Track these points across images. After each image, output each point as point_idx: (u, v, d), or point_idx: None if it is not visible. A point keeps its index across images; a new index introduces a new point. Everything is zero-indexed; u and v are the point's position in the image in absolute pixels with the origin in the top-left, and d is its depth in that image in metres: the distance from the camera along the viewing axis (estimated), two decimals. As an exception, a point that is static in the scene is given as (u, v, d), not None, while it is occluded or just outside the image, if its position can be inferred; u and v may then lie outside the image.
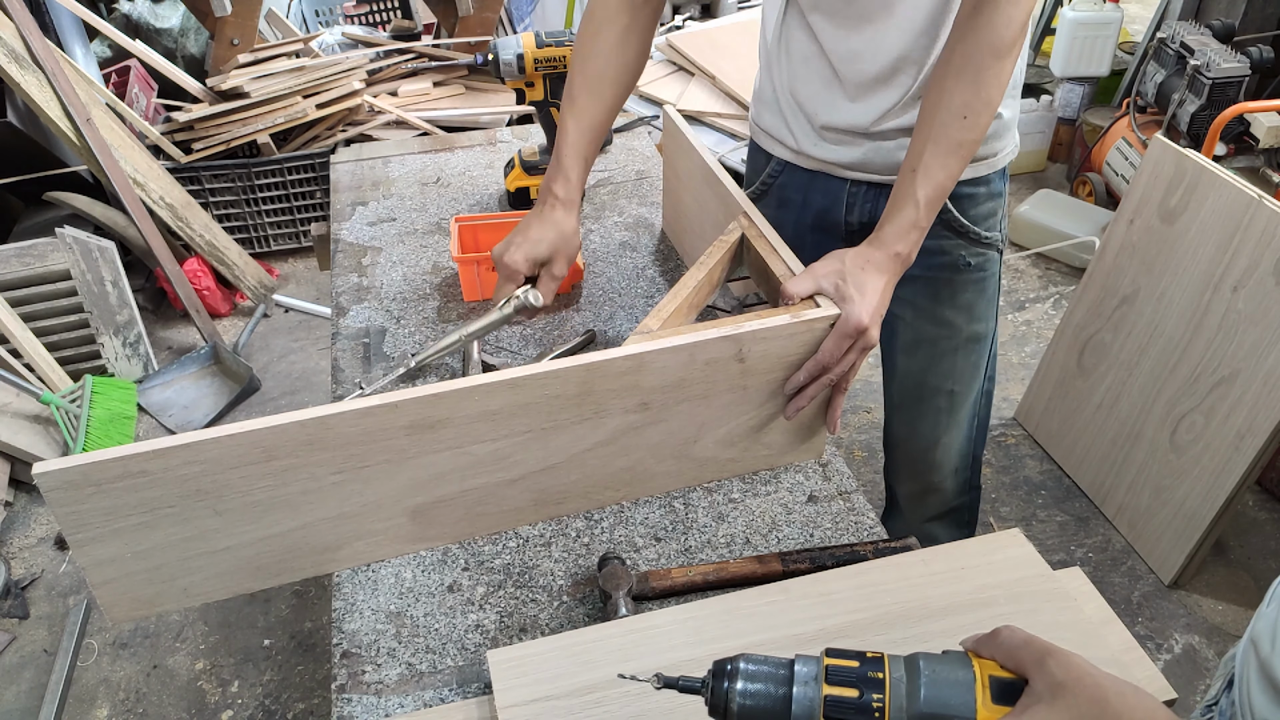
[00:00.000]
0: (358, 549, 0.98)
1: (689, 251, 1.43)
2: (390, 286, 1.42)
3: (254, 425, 0.84)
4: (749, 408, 1.03)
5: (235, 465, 0.85)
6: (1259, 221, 1.81)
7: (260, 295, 3.11)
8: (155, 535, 0.88)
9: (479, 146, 1.83)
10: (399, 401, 0.87)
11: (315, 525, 0.93)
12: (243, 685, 1.99)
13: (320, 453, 0.88)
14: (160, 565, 0.90)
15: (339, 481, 0.91)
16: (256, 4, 3.13)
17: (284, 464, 0.87)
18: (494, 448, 0.94)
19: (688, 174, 1.36)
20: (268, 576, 0.96)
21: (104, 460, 0.81)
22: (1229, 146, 3.14)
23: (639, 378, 0.95)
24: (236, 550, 0.92)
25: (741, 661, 0.61)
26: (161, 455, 0.82)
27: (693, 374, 0.97)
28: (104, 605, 0.92)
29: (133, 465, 0.82)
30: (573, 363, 0.91)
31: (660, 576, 0.95)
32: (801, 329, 0.98)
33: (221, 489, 0.87)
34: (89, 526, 0.85)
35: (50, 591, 2.20)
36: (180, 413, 2.68)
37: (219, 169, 3.11)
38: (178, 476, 0.84)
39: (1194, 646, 2.04)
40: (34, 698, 1.96)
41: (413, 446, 0.91)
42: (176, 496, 0.86)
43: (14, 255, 2.52)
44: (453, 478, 0.95)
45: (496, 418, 0.92)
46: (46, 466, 0.80)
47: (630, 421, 0.98)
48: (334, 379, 1.25)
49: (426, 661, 0.90)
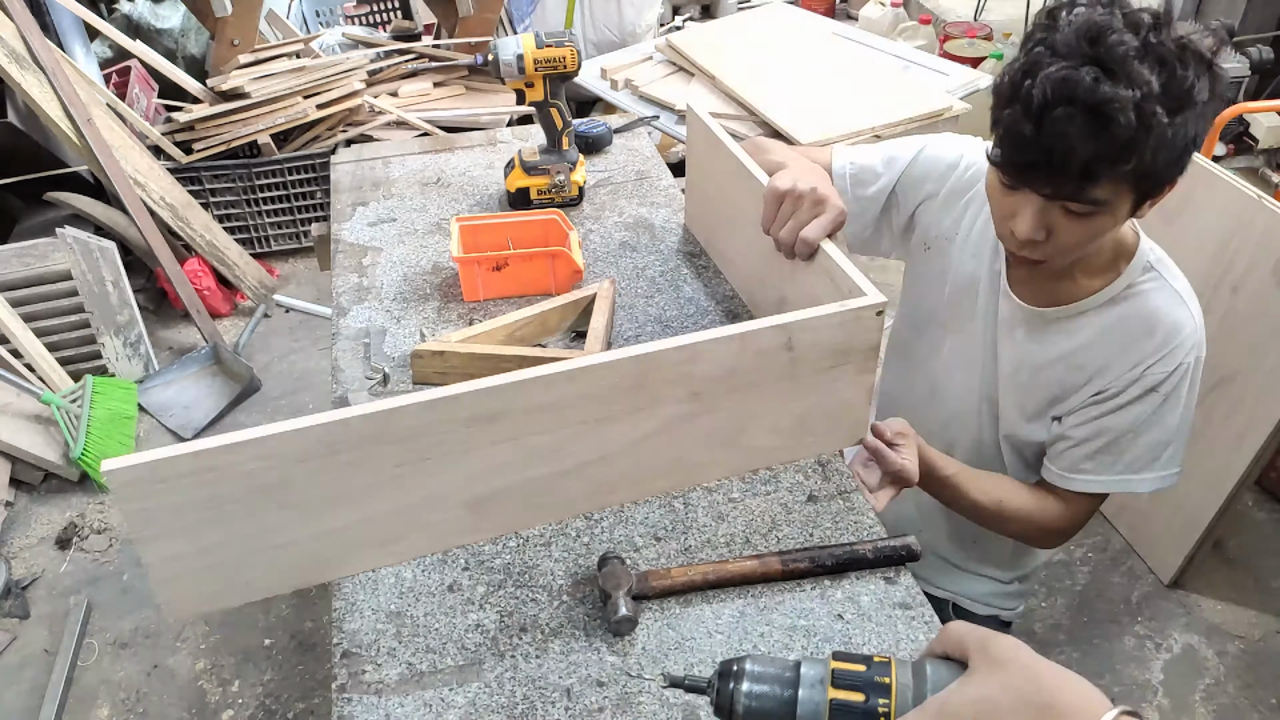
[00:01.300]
0: (415, 542, 0.99)
1: (719, 248, 1.44)
2: (390, 287, 1.42)
3: (320, 419, 0.84)
4: (795, 397, 1.05)
5: (301, 459, 0.86)
6: (1258, 222, 1.81)
7: (261, 295, 3.11)
8: (220, 531, 0.88)
9: (479, 147, 1.83)
10: (461, 394, 0.88)
11: (376, 518, 0.94)
12: (243, 685, 1.99)
13: (383, 446, 0.88)
14: (223, 561, 0.91)
15: (400, 474, 0.91)
16: (257, 4, 3.13)
17: (348, 457, 0.88)
18: (550, 439, 0.95)
19: (717, 171, 1.37)
20: (328, 569, 0.97)
21: (173, 456, 0.81)
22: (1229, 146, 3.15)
23: (691, 368, 0.96)
24: (299, 544, 0.93)
25: (747, 663, 0.61)
26: (231, 450, 0.83)
27: (743, 363, 0.99)
28: (165, 602, 0.92)
29: (202, 461, 0.82)
30: (628, 353, 0.93)
31: (660, 576, 0.95)
32: (849, 318, 1.00)
33: (287, 483, 0.87)
34: (156, 523, 0.85)
35: (51, 591, 2.21)
36: (181, 413, 2.68)
37: (219, 169, 3.11)
38: (245, 471, 0.85)
39: (1193, 646, 2.04)
40: (34, 697, 1.96)
41: (473, 439, 0.92)
42: (243, 491, 0.86)
43: (14, 255, 2.52)
44: (510, 469, 0.96)
45: (554, 409, 0.93)
46: (115, 464, 0.80)
47: (681, 411, 1.00)
48: (334, 379, 1.25)
49: (427, 661, 0.91)
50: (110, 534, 2.34)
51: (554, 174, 1.56)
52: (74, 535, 2.33)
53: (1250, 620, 2.09)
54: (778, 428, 1.07)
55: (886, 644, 0.91)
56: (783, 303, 1.23)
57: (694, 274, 1.43)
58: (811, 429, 1.09)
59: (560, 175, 1.57)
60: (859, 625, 0.93)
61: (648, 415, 0.98)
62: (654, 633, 0.93)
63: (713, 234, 1.46)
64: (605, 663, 0.90)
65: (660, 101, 2.72)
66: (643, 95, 2.78)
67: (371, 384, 1.22)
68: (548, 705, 0.86)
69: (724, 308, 1.36)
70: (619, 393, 0.95)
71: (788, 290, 1.21)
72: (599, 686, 0.88)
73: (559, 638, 0.92)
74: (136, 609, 2.16)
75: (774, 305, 1.26)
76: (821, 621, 0.93)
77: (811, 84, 2.63)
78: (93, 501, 2.43)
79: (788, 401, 1.05)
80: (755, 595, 0.96)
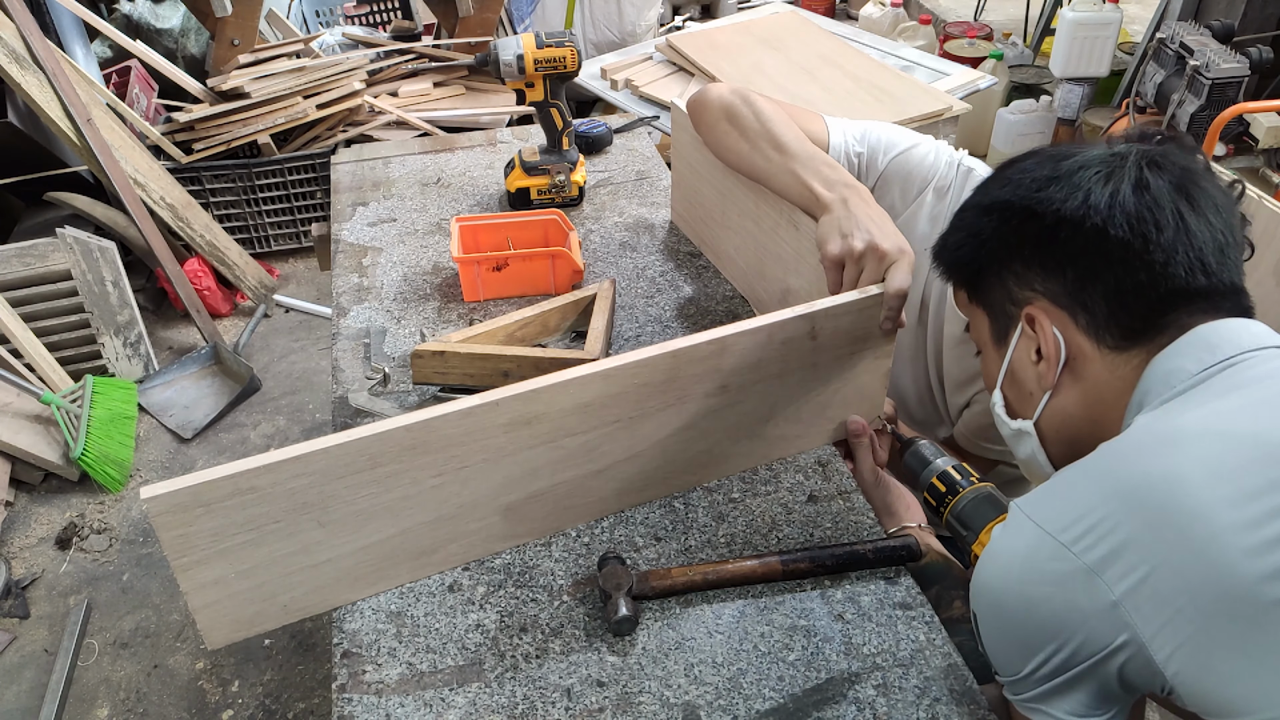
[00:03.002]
0: (451, 551, 0.98)
1: (709, 242, 1.45)
2: (391, 287, 1.42)
3: (360, 433, 0.83)
4: (818, 384, 1.07)
5: (341, 475, 0.85)
6: (1259, 221, 1.81)
7: (261, 295, 3.11)
8: (260, 552, 0.86)
9: (479, 147, 1.83)
10: (500, 399, 0.87)
11: (414, 530, 0.93)
12: (243, 685, 1.99)
13: (422, 456, 0.88)
14: (263, 583, 0.89)
15: (439, 484, 0.91)
16: (257, 4, 3.14)
17: (388, 470, 0.87)
18: (584, 440, 0.96)
19: (705, 165, 1.36)
20: (365, 586, 0.96)
21: (214, 480, 0.79)
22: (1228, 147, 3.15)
23: (720, 361, 0.97)
24: (337, 561, 0.91)
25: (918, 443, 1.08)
26: (271, 470, 0.81)
27: (770, 354, 1.00)
28: (204, 629, 0.89)
29: (242, 482, 0.81)
30: (659, 350, 0.93)
31: (660, 576, 0.95)
32: (870, 304, 1.02)
33: (327, 500, 0.86)
34: (195, 549, 0.83)
35: (51, 591, 2.20)
36: (181, 413, 2.68)
37: (219, 169, 3.11)
38: (286, 490, 0.83)
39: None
40: (34, 697, 1.96)
41: (510, 443, 0.92)
42: (283, 511, 0.84)
43: (15, 255, 2.52)
44: (545, 472, 0.96)
45: (588, 409, 0.93)
46: (154, 490, 0.78)
47: (710, 405, 1.01)
48: (334, 379, 1.25)
49: (427, 661, 0.91)
50: (110, 534, 2.34)
51: (554, 174, 1.56)
52: (74, 535, 2.33)
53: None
54: (800, 416, 1.09)
55: (887, 644, 0.91)
56: (788, 294, 1.23)
57: (694, 274, 1.43)
58: (831, 415, 1.11)
59: (560, 175, 1.57)
60: (859, 625, 0.93)
61: (677, 411, 0.99)
62: (654, 633, 0.92)
63: (704, 231, 1.47)
64: (605, 663, 0.90)
65: (660, 101, 2.72)
66: (643, 95, 2.78)
67: (372, 384, 1.22)
68: (548, 705, 0.86)
69: (724, 307, 1.36)
70: (651, 389, 0.96)
71: (792, 281, 1.21)
72: (599, 686, 0.88)
73: (559, 638, 0.92)
74: (136, 609, 2.16)
75: (778, 298, 1.26)
76: (822, 621, 0.93)
77: (811, 84, 2.63)
78: (92, 501, 2.43)
79: (810, 389, 1.07)
80: (755, 595, 0.96)
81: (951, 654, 0.90)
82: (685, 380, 0.97)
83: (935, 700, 0.86)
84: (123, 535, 2.34)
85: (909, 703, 0.86)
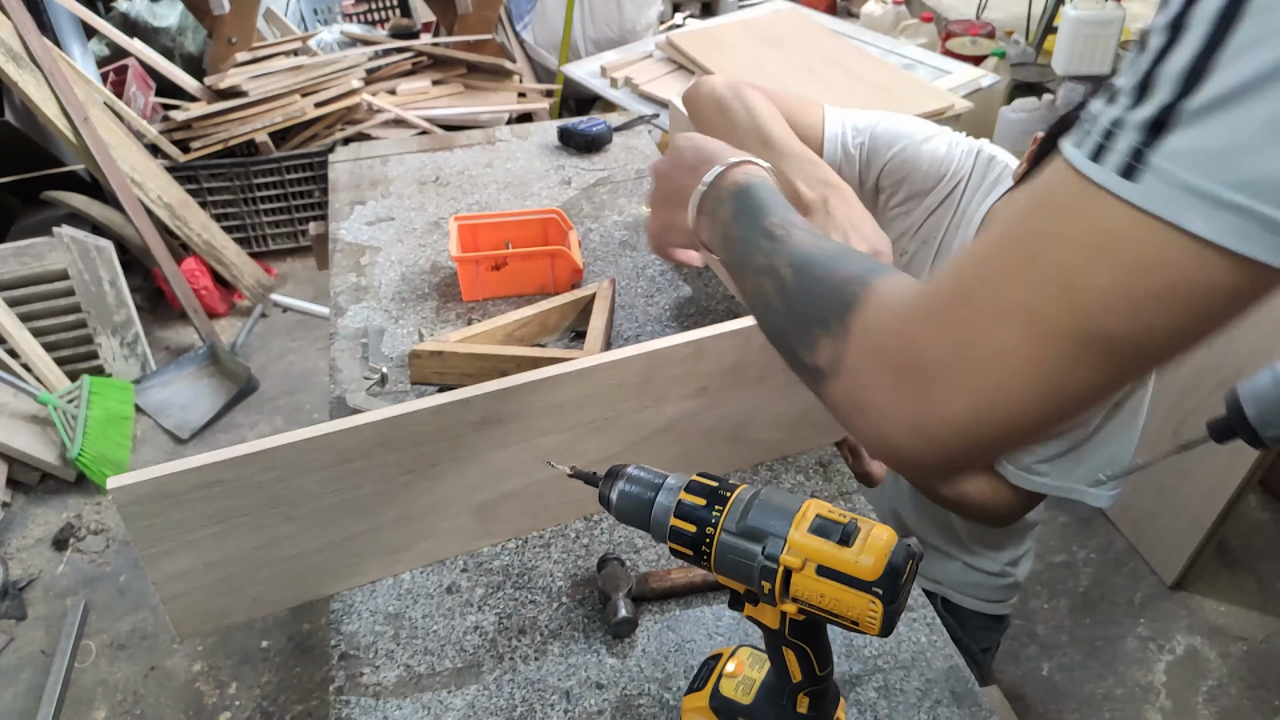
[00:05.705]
0: (424, 549, 0.97)
1: None
2: (389, 286, 1.41)
3: (328, 428, 0.83)
4: (799, 390, 1.04)
5: (310, 470, 0.84)
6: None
7: (258, 295, 3.10)
8: (228, 545, 0.86)
9: (478, 145, 1.82)
10: (471, 398, 0.86)
11: (384, 527, 0.93)
12: (240, 687, 1.99)
13: (392, 453, 0.87)
14: (230, 576, 0.89)
15: (409, 481, 0.90)
16: (254, 2, 3.13)
17: (357, 465, 0.86)
18: (558, 440, 0.95)
19: None
20: (335, 581, 0.95)
21: (179, 471, 0.79)
22: (1230, 145, 3.13)
23: (698, 363, 0.96)
24: (306, 556, 0.91)
25: (630, 468, 0.75)
26: (238, 464, 0.81)
27: (749, 357, 0.98)
28: (173, 620, 0.90)
29: (209, 475, 0.81)
30: (635, 351, 0.92)
31: (659, 577, 0.94)
32: None
33: (295, 494, 0.85)
34: (163, 540, 0.83)
35: (48, 592, 2.20)
36: (178, 413, 2.67)
37: (217, 168, 3.10)
38: (253, 484, 0.83)
39: (1196, 648, 2.04)
40: (31, 699, 1.95)
41: (482, 442, 0.91)
42: (251, 504, 0.84)
43: (11, 254, 2.51)
44: (518, 472, 0.95)
45: (563, 409, 0.92)
46: (120, 481, 0.78)
47: (688, 408, 0.99)
48: (332, 379, 1.24)
49: (425, 663, 0.90)
50: (107, 535, 2.34)
51: None
52: (71, 536, 2.32)
53: (1253, 622, 2.09)
54: (782, 421, 1.07)
55: (888, 646, 0.90)
56: None
57: (694, 273, 1.42)
58: (814, 421, 1.09)
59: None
60: (861, 627, 0.92)
61: (654, 413, 0.98)
62: (654, 635, 0.92)
63: None
64: (605, 665, 0.89)
65: (660, 100, 2.71)
66: (643, 93, 2.77)
67: (369, 384, 1.21)
68: (547, 708, 0.85)
69: (724, 307, 1.35)
70: (627, 391, 0.94)
71: None
72: (598, 689, 0.87)
73: (558, 640, 0.91)
74: (134, 610, 2.15)
75: None
76: (823, 624, 0.92)
77: (813, 82, 2.62)
78: (90, 502, 2.42)
79: (791, 395, 1.05)
80: (756, 597, 0.95)
81: (953, 655, 0.89)
82: (662, 382, 0.96)
83: (936, 702, 0.85)
84: (120, 536, 2.33)
85: (910, 705, 0.85)
